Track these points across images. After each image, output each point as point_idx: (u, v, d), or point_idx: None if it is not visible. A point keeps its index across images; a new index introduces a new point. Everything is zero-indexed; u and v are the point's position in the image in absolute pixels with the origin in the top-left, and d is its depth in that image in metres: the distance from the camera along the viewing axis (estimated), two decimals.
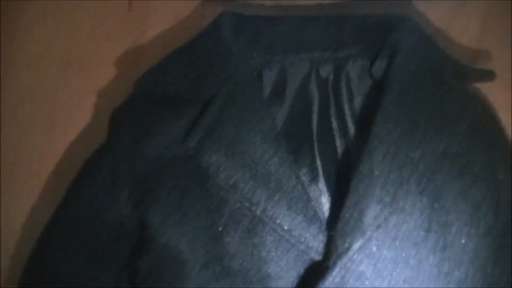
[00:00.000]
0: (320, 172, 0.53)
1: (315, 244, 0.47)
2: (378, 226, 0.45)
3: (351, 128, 0.54)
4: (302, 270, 0.47)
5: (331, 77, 0.56)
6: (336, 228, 0.46)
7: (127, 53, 0.62)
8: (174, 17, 0.63)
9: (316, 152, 0.53)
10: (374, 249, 0.45)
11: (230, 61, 0.53)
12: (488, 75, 0.56)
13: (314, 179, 0.52)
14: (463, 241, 0.48)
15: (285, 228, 0.47)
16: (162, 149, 0.50)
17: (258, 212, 0.47)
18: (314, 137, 0.54)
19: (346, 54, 0.56)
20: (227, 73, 0.52)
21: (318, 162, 0.53)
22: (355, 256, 0.45)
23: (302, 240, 0.47)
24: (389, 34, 0.54)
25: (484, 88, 0.58)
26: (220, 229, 0.48)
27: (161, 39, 0.62)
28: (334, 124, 0.54)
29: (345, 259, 0.45)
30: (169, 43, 0.59)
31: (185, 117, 0.51)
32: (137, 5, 0.63)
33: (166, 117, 0.51)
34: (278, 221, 0.47)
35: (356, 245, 0.45)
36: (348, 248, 0.45)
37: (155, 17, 0.63)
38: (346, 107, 0.55)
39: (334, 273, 0.44)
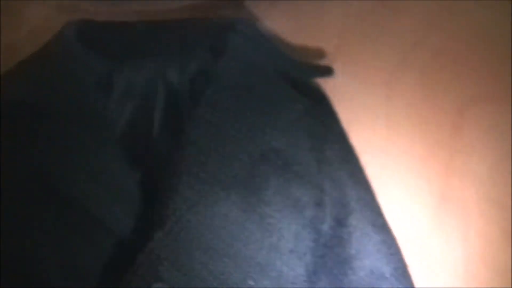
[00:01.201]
0: (156, 174, 0.54)
1: None
2: (180, 218, 0.48)
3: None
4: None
5: (175, 81, 0.58)
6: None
7: None
8: (45, 21, 0.65)
9: (154, 155, 0.55)
10: (176, 239, 0.47)
11: (71, 70, 0.55)
12: (327, 71, 0.58)
13: (149, 180, 0.54)
14: (283, 233, 0.50)
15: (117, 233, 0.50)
16: (7, 160, 0.52)
17: (93, 216, 0.50)
18: (154, 141, 0.56)
19: (190, 57, 0.58)
20: (67, 83, 0.55)
21: (155, 165, 0.54)
22: (155, 244, 0.47)
23: (134, 241, 0.49)
24: (222, 35, 0.57)
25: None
26: (62, 231, 0.50)
27: (31, 44, 0.64)
28: (173, 127, 0.56)
29: (147, 249, 0.47)
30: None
31: (30, 128, 0.53)
32: (8, 9, 0.65)
33: (11, 126, 0.53)
34: (110, 226, 0.50)
35: (157, 235, 0.47)
36: (151, 239, 0.47)
37: (27, 22, 0.66)
38: (186, 109, 0.57)
39: (138, 261, 0.47)
